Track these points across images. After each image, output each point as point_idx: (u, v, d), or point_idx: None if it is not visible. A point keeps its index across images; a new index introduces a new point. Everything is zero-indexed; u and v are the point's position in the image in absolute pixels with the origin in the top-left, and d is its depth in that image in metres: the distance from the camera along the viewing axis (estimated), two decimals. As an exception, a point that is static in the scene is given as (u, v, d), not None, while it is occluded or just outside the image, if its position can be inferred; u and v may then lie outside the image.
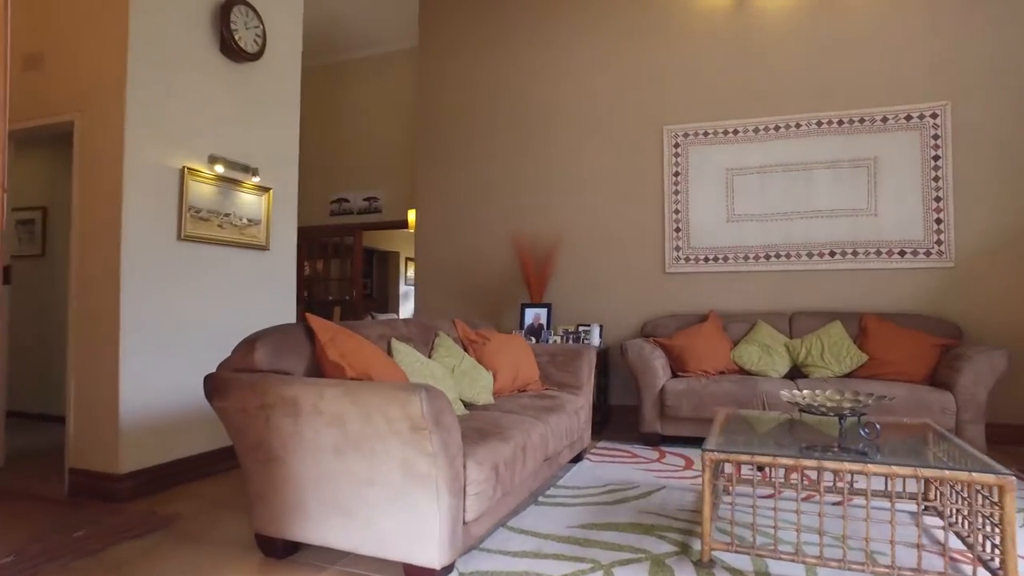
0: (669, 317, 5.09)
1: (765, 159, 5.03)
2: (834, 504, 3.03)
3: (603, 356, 5.13)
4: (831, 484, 3.04)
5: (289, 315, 4.22)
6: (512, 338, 4.03)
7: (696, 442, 4.37)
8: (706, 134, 5.20)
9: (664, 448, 4.30)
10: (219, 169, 3.64)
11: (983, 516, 2.30)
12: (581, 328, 5.22)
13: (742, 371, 4.60)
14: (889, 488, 2.93)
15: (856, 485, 3.08)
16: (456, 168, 5.89)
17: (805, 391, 2.94)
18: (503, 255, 5.71)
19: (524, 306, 5.38)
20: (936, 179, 4.63)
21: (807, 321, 4.71)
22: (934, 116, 4.65)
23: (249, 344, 2.36)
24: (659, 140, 5.32)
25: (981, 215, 4.53)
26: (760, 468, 3.41)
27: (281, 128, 4.19)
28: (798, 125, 4.95)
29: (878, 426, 2.56)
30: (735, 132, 5.12)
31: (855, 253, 4.80)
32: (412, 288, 10.93)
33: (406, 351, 3.04)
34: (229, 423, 2.34)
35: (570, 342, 5.15)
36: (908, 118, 4.70)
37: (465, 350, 3.75)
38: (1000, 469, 2.12)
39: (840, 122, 4.85)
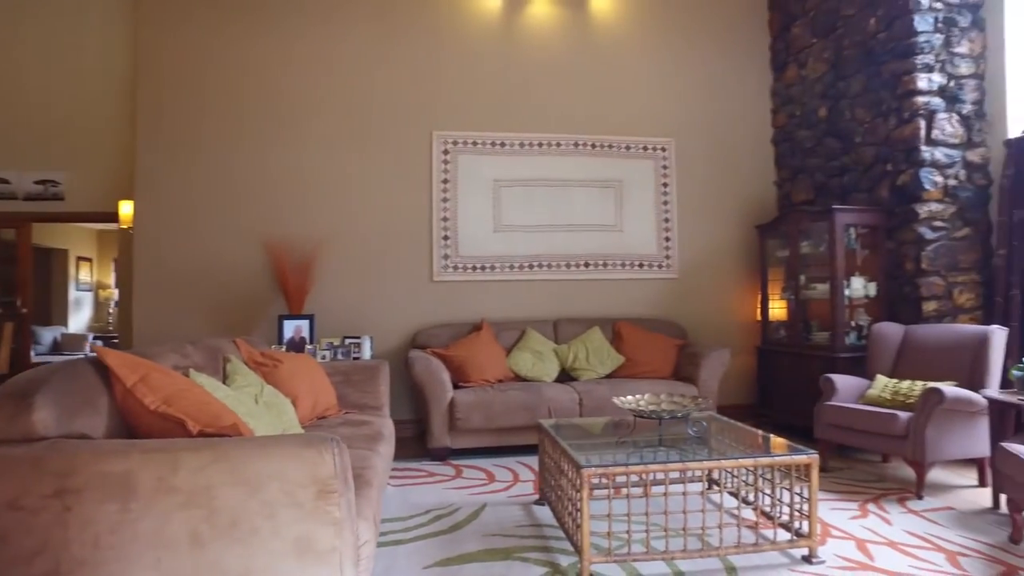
0: (441, 327, 5.00)
1: (530, 173, 5.29)
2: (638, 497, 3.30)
3: (377, 370, 4.80)
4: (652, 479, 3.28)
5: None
6: (303, 358, 3.50)
7: (486, 453, 4.35)
8: (475, 144, 5.25)
9: (456, 462, 4.19)
10: None
11: (784, 488, 2.68)
12: (349, 341, 4.80)
13: (518, 378, 4.75)
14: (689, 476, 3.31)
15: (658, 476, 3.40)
16: (193, 156, 4.89)
17: (629, 397, 3.15)
18: (254, 260, 4.93)
19: (282, 318, 4.73)
20: (665, 203, 5.44)
21: (570, 327, 5.09)
22: (663, 149, 5.45)
23: (20, 400, 1.56)
24: (428, 146, 5.19)
25: (695, 235, 5.46)
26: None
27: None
28: (559, 144, 5.33)
29: (704, 423, 2.88)
30: (503, 145, 5.28)
31: (606, 264, 5.35)
32: (88, 294, 8.81)
33: (211, 385, 2.38)
34: (-17, 524, 1.52)
35: (339, 356, 4.70)
36: (645, 148, 5.43)
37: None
38: (808, 451, 2.54)
39: (594, 145, 5.36)
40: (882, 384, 3.69)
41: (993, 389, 3.37)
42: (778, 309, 5.05)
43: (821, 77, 4.96)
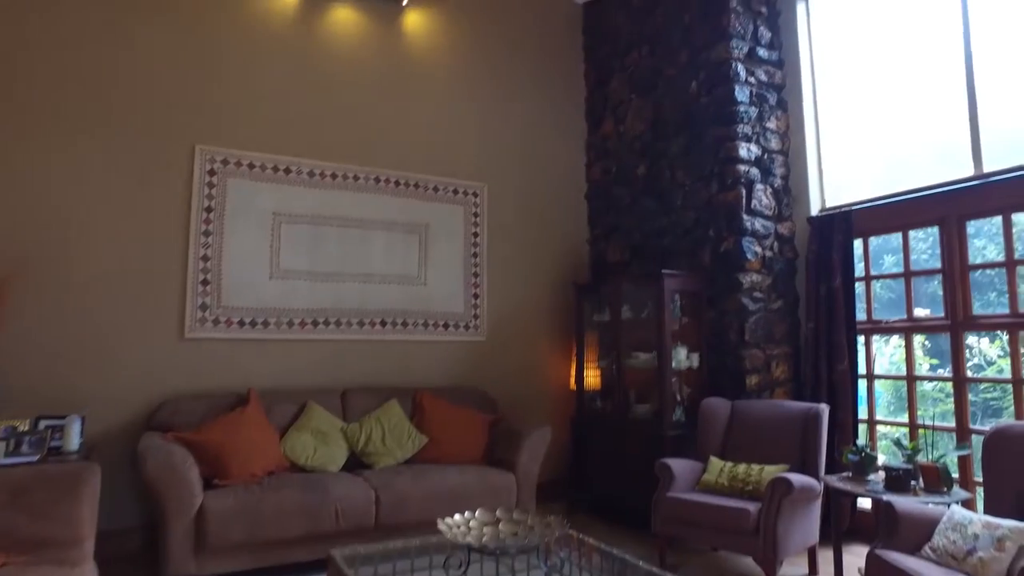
0: (193, 398, 3.77)
1: (319, 209, 4.34)
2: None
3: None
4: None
5: None
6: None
7: (247, 577, 3.20)
8: (251, 166, 4.18)
9: (202, 599, 3.00)
10: None
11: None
12: (45, 423, 3.36)
13: (295, 467, 3.70)
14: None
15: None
16: None
17: (456, 517, 2.36)
18: None
19: (-74, 392, 3.14)
20: (475, 255, 4.83)
21: (361, 399, 4.16)
22: (475, 195, 4.87)
23: None
24: (188, 160, 4.00)
25: (506, 293, 4.90)
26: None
27: None
28: (356, 177, 4.47)
29: (562, 558, 2.19)
30: (287, 171, 4.27)
31: (405, 324, 4.54)
32: None
33: None
34: None
35: (22, 449, 3.23)
36: (456, 192, 4.80)
37: None
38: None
39: (398, 183, 4.59)
40: (717, 468, 3.37)
41: (822, 472, 3.22)
42: (594, 378, 4.66)
43: (640, 135, 4.80)
